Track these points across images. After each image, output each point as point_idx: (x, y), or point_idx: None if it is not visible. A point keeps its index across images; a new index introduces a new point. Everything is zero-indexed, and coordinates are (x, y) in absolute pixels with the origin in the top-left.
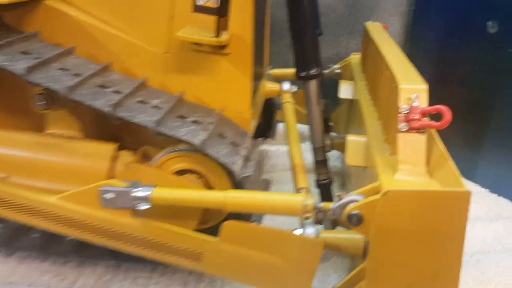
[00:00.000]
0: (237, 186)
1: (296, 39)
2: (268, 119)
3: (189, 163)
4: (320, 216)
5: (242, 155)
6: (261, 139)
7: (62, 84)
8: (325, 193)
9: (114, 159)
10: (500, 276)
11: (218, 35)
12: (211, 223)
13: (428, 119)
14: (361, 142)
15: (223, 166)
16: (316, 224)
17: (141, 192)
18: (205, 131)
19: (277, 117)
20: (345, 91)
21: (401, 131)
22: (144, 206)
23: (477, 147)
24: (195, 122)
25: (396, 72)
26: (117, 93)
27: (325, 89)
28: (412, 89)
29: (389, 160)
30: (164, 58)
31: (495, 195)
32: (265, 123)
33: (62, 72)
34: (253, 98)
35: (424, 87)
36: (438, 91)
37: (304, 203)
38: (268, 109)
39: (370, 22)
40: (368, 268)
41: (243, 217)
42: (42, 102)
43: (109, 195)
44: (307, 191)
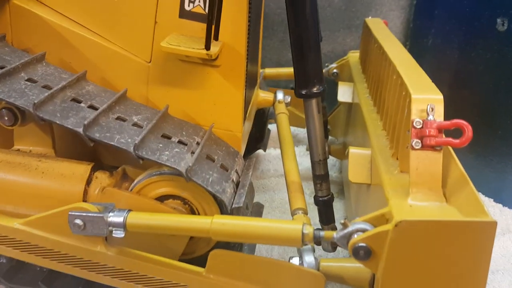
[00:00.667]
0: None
1: (297, 55)
2: (259, 128)
3: (173, 188)
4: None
5: (232, 181)
6: (253, 160)
7: (27, 100)
8: (325, 211)
9: (89, 182)
10: None
11: (207, 46)
12: (198, 253)
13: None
14: (365, 155)
15: (211, 193)
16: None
17: (114, 217)
18: (192, 153)
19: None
20: (344, 94)
21: (414, 148)
22: (118, 234)
23: (481, 153)
24: (180, 142)
25: (406, 78)
26: (92, 108)
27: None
28: (426, 99)
29: (399, 179)
30: (147, 67)
31: (499, 205)
32: (256, 133)
33: (29, 84)
34: (245, 113)
35: (439, 97)
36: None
37: (303, 232)
38: (259, 118)
39: (370, 18)
40: None
41: (234, 246)
42: (6, 118)
43: (79, 220)
44: (304, 213)
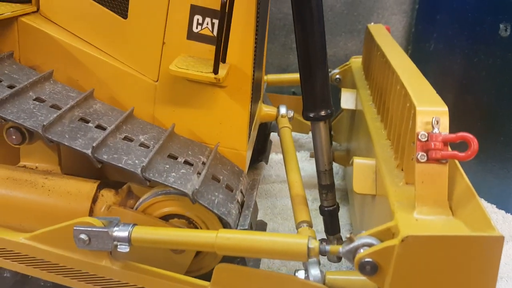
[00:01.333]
0: None
1: (306, 79)
2: (262, 141)
3: (178, 207)
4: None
5: (237, 202)
6: (258, 180)
7: (36, 121)
8: (330, 221)
9: (95, 200)
10: None
11: (216, 70)
12: (205, 270)
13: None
14: (369, 165)
15: (216, 214)
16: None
17: (119, 232)
18: (198, 175)
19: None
20: (348, 101)
21: (419, 161)
22: (123, 249)
23: (483, 159)
24: (186, 163)
25: (411, 90)
26: (99, 128)
27: None
28: (431, 111)
29: (405, 191)
30: (154, 86)
31: (502, 211)
32: (258, 145)
33: (37, 104)
34: (249, 131)
35: (444, 109)
36: (442, 98)
37: (309, 247)
38: (262, 130)
39: (372, 24)
40: None
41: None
42: (13, 137)
43: (84, 235)
44: (309, 226)
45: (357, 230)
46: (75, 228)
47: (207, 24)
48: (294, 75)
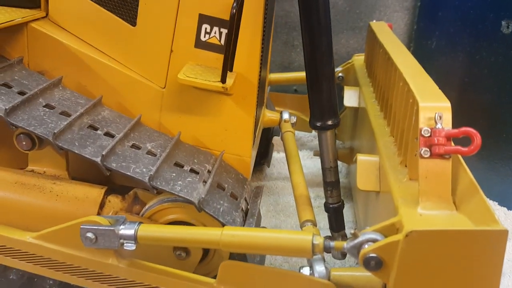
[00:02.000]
0: None
1: (313, 89)
2: (264, 144)
3: (183, 214)
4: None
5: (242, 210)
6: (262, 188)
7: (46, 128)
8: (335, 218)
9: (102, 206)
10: None
11: (223, 79)
12: (213, 273)
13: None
14: (373, 162)
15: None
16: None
17: (126, 230)
18: (204, 183)
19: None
20: (350, 98)
21: (423, 156)
22: (130, 246)
23: (485, 157)
24: (192, 171)
25: (413, 87)
26: (108, 135)
27: None
28: (434, 107)
29: (408, 187)
30: (161, 93)
31: (504, 208)
32: (261, 148)
33: (47, 110)
34: (254, 138)
35: (447, 105)
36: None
37: (313, 243)
38: (265, 134)
39: (374, 21)
40: None
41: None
42: (24, 143)
43: (91, 233)
44: (313, 225)
45: (361, 227)
46: (82, 226)
47: (215, 33)
48: (296, 74)
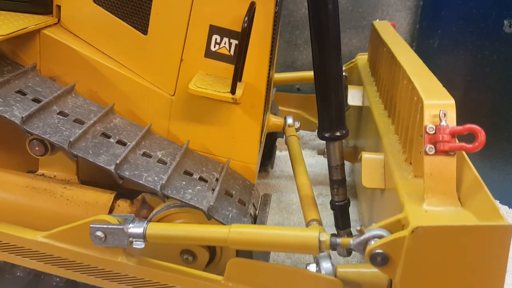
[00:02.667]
0: None
1: (322, 100)
2: (268, 146)
3: (191, 219)
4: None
5: (250, 215)
6: (270, 196)
7: (61, 136)
8: (341, 216)
9: (111, 210)
10: None
11: (233, 90)
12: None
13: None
14: (378, 160)
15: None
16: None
17: (134, 228)
18: (213, 191)
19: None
20: (354, 97)
21: (428, 153)
22: (139, 245)
23: (487, 155)
24: (201, 179)
25: (418, 84)
26: (120, 143)
27: None
28: (438, 105)
29: (413, 184)
30: (170, 100)
31: (505, 207)
32: (265, 149)
33: (61, 118)
34: (260, 145)
35: (451, 102)
36: None
37: (320, 239)
38: (269, 136)
39: (377, 21)
40: None
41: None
42: (36, 149)
43: (100, 232)
44: (319, 224)
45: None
46: (91, 225)
47: (225, 43)
48: (299, 73)
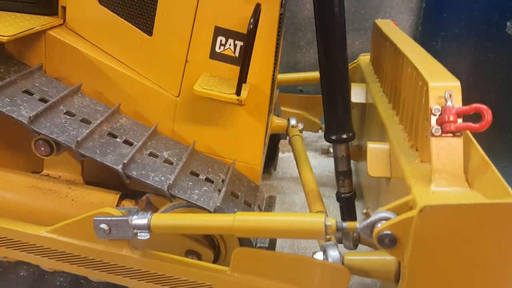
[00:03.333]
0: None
1: (329, 104)
2: (271, 148)
3: None
4: (339, 234)
5: None
6: (275, 198)
7: (68, 136)
8: (347, 208)
9: None
10: None
11: (238, 92)
12: None
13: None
14: (383, 149)
15: None
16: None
17: (139, 219)
18: (219, 192)
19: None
20: (358, 94)
21: (434, 135)
22: (143, 236)
23: (489, 156)
24: (207, 180)
25: (422, 69)
26: (127, 143)
27: None
28: (444, 87)
29: (420, 168)
30: (175, 101)
31: None
32: (268, 152)
33: (68, 118)
34: (264, 146)
35: (457, 84)
36: None
37: (326, 224)
38: (272, 138)
39: (379, 19)
40: None
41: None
42: (42, 149)
43: (104, 225)
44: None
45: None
46: (95, 218)
47: (230, 45)
48: (301, 74)
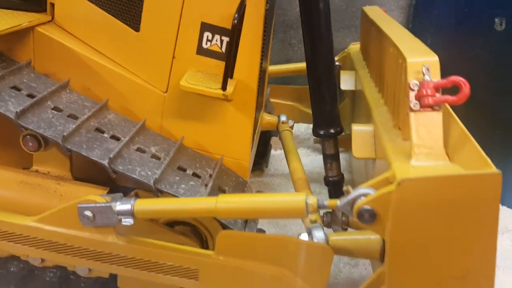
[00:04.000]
0: None
1: (316, 99)
2: (263, 145)
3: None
4: (328, 219)
5: None
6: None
7: (55, 131)
8: (335, 191)
9: None
10: None
11: (224, 87)
12: None
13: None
14: (368, 131)
15: (220, 222)
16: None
17: (122, 205)
18: (206, 187)
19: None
20: (347, 82)
21: (413, 110)
22: (128, 222)
23: None
24: (194, 175)
25: (401, 47)
26: (114, 138)
27: None
28: (422, 62)
29: (402, 145)
30: (163, 97)
31: (504, 207)
32: (259, 148)
33: (55, 113)
34: (252, 141)
35: (435, 59)
36: None
37: (307, 202)
38: (263, 135)
39: (367, 6)
40: (387, 272)
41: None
42: (30, 144)
43: (88, 212)
44: None
45: None
46: (79, 205)
47: (216, 40)
48: (292, 65)
